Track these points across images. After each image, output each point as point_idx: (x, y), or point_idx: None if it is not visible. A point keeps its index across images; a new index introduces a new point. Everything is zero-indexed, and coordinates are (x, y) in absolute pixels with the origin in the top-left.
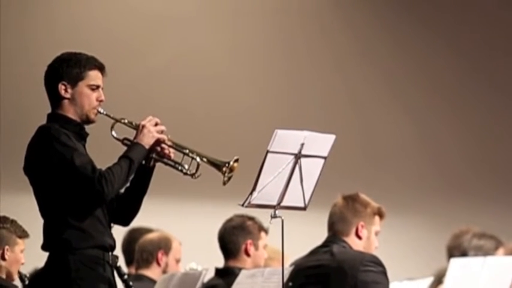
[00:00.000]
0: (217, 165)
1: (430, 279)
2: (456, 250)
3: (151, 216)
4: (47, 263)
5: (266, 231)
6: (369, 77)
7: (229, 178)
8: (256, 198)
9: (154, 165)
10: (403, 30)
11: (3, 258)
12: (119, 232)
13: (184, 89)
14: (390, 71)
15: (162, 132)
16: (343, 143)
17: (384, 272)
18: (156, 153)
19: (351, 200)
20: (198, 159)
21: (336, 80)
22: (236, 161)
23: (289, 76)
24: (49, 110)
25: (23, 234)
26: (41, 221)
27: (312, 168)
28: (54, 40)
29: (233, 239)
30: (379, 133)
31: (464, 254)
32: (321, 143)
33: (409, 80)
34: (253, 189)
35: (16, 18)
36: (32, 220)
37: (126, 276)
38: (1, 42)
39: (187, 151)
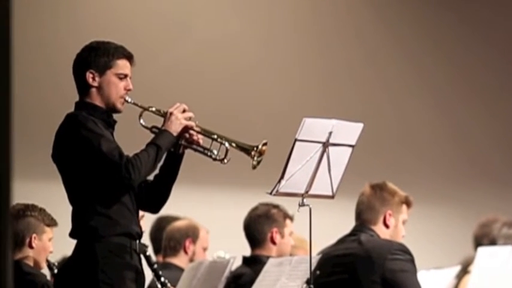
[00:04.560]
0: (246, 150)
1: (457, 268)
2: (485, 238)
3: (179, 204)
4: (74, 251)
5: (291, 219)
6: (401, 68)
7: (259, 162)
8: (284, 187)
9: (183, 152)
10: (433, 23)
11: (31, 247)
12: (147, 221)
13: (214, 77)
14: (421, 62)
15: (190, 118)
16: (374, 132)
17: (411, 260)
18: (184, 139)
19: (379, 188)
20: (226, 144)
21: (369, 71)
22: (265, 144)
23: (322, 67)
24: (68, 101)
25: (51, 223)
26: (70, 209)
27: (339, 157)
28: (75, 31)
29: (259, 227)
30: (410, 122)
31: (493, 242)
32: (349, 131)
33: (440, 72)
34: (281, 177)
35: (36, 11)
36: (62, 208)
37: (155, 266)
38: (20, 36)
39: (215, 136)
